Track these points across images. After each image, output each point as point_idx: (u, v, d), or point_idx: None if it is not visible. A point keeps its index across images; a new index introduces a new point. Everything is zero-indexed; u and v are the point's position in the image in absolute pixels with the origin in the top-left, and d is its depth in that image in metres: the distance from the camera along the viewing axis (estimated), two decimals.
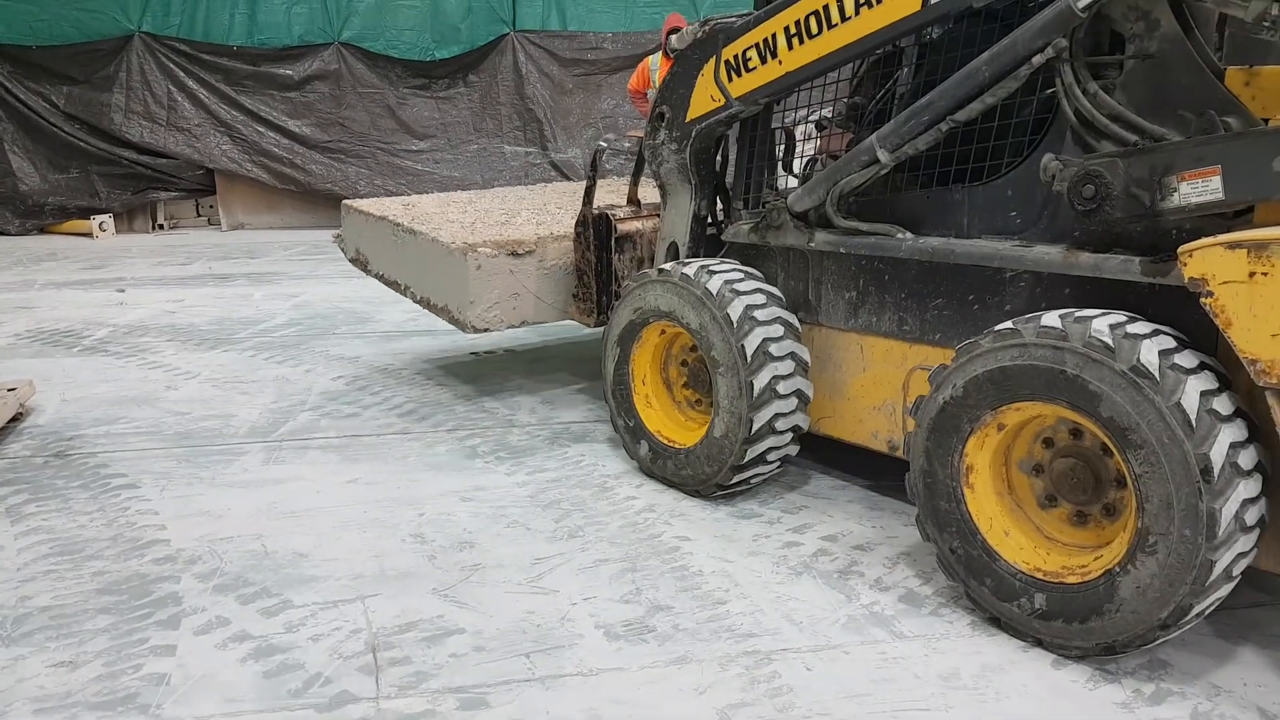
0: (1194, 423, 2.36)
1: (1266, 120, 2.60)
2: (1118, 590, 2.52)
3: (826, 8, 3.21)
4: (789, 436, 3.54)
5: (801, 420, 3.53)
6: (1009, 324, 2.69)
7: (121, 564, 3.23)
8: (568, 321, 4.74)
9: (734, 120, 3.73)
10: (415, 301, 4.89)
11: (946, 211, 3.18)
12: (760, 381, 3.37)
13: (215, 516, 3.61)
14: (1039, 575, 2.71)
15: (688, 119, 3.81)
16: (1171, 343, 2.49)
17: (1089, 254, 2.77)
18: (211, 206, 11.90)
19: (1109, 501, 2.70)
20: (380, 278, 5.19)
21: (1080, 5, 2.67)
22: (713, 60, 3.65)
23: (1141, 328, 2.51)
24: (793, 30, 3.34)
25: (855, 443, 3.55)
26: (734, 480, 3.57)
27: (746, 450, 3.46)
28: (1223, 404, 2.42)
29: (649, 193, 4.51)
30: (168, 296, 7.65)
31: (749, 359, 3.37)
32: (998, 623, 2.81)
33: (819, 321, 3.58)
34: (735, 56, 3.57)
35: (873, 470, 3.87)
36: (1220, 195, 2.48)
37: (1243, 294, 2.33)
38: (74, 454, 4.25)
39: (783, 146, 3.89)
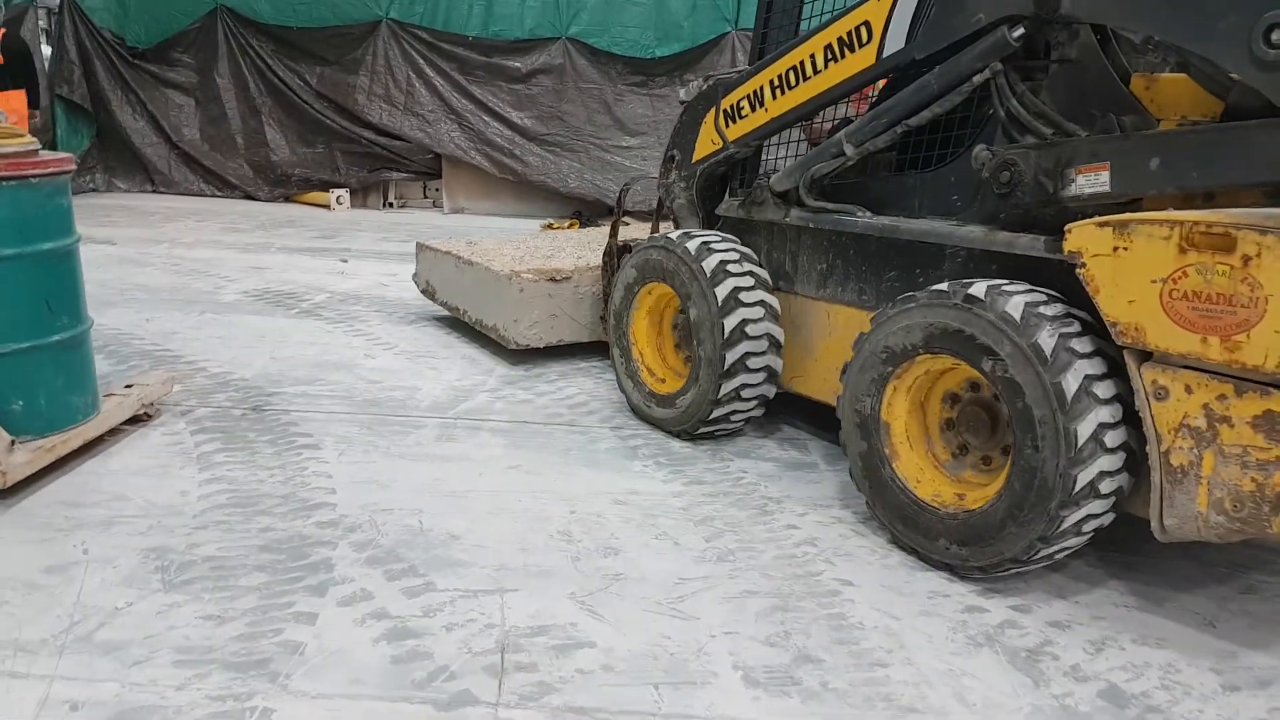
0: (1050, 356, 2.73)
1: (1158, 121, 2.99)
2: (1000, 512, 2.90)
3: (802, 63, 3.76)
4: (762, 375, 4.02)
5: (775, 362, 4.02)
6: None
7: (287, 523, 3.33)
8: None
9: (731, 160, 4.31)
10: (471, 324, 5.66)
11: (903, 195, 3.63)
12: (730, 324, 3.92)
13: (382, 486, 3.67)
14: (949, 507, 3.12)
15: (694, 160, 4.43)
16: (1042, 297, 2.87)
17: (1005, 233, 3.16)
18: (437, 189, 12.53)
19: (1006, 444, 3.05)
20: (445, 304, 6.01)
21: (1014, 36, 3.10)
22: (713, 110, 4.25)
23: (1017, 287, 2.94)
24: (776, 83, 3.90)
25: (820, 400, 3.97)
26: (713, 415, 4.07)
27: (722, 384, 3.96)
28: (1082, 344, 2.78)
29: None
30: (384, 270, 8.05)
31: (720, 304, 3.92)
32: None
33: (795, 290, 4.06)
34: (731, 106, 4.16)
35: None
36: (1107, 188, 2.85)
37: (1107, 265, 2.68)
38: (269, 409, 4.47)
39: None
